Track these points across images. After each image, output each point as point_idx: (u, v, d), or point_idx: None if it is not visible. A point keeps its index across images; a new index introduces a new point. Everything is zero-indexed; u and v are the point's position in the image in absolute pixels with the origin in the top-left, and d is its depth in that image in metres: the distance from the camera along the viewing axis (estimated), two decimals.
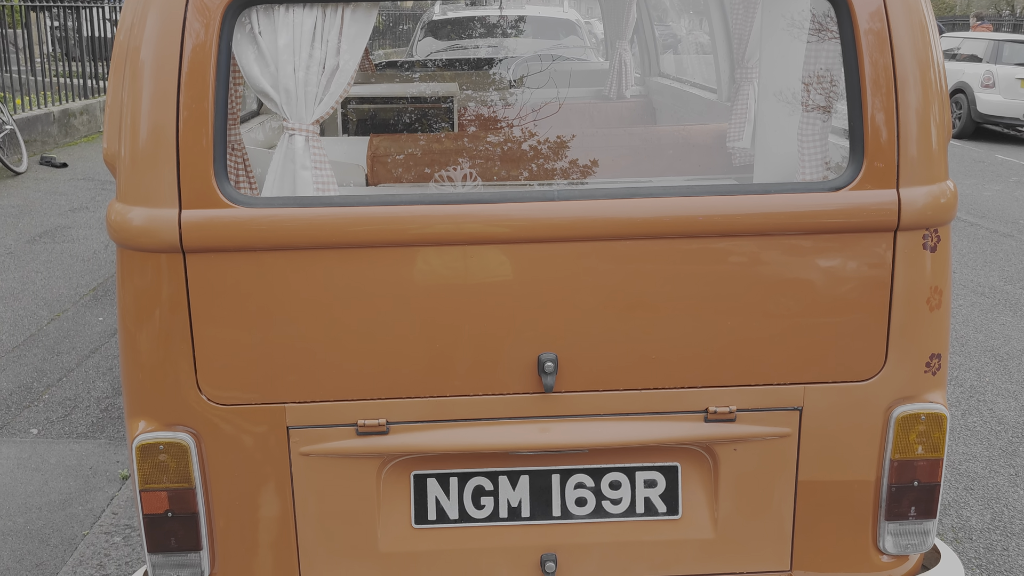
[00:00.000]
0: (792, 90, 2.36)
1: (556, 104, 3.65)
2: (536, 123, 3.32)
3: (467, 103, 4.25)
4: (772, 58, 2.54)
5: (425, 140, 3.26)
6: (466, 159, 3.08)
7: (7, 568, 3.23)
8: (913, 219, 1.92)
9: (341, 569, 2.07)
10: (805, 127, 2.19)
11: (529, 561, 2.09)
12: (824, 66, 2.15)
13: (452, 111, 4.23)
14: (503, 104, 4.28)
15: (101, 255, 7.08)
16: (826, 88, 2.16)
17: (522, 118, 3.48)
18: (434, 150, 3.12)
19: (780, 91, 2.50)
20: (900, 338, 1.99)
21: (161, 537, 2.02)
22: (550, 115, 3.47)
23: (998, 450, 4.22)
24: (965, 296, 6.45)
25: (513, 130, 3.44)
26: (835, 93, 2.15)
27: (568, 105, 3.98)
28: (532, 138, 3.15)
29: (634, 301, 1.95)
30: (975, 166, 11.78)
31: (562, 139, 3.10)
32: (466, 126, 4.01)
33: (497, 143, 3.27)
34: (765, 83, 2.62)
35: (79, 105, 12.41)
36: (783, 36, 2.47)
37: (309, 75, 1.94)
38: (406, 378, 1.97)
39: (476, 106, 4.21)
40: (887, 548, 2.10)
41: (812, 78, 2.17)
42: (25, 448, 4.09)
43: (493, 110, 4.20)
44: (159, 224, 1.87)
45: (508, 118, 3.77)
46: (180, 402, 1.96)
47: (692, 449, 2.07)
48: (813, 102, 2.17)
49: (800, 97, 2.21)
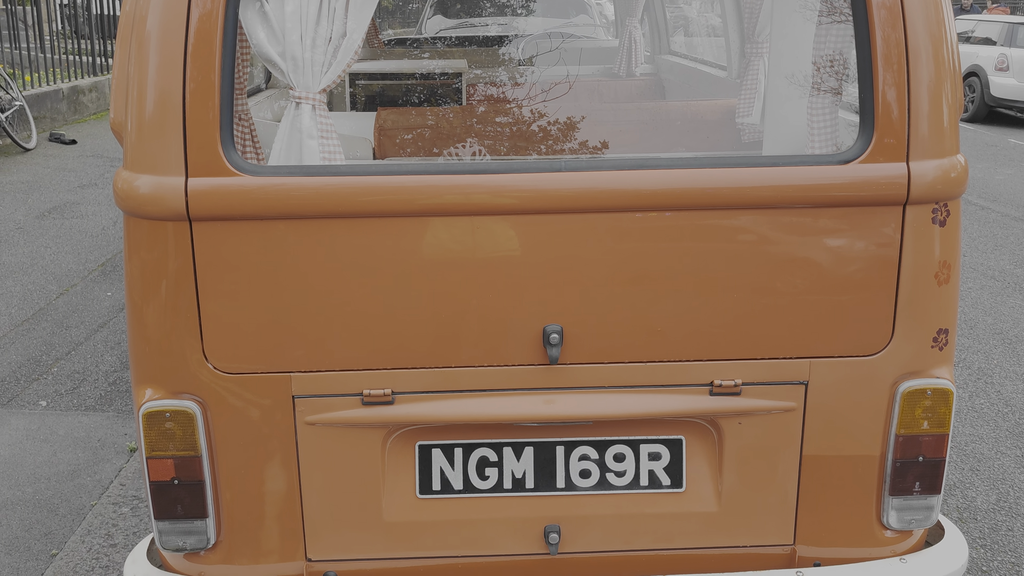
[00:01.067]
0: (802, 64, 2.33)
1: (565, 81, 3.63)
2: (545, 100, 3.31)
3: (476, 80, 4.23)
4: (783, 32, 2.52)
5: (433, 115, 3.25)
6: (474, 135, 3.07)
7: (16, 536, 3.26)
8: (923, 193, 1.91)
9: (345, 538, 2.08)
10: (815, 100, 2.17)
11: (533, 532, 2.09)
12: (835, 39, 2.13)
13: (461, 88, 4.21)
14: (512, 81, 4.25)
15: (110, 231, 7.10)
16: (837, 61, 2.14)
17: (531, 95, 3.46)
18: (442, 125, 3.11)
19: (790, 65, 2.48)
20: (907, 313, 1.98)
21: (167, 504, 2.03)
22: (559, 92, 3.46)
23: (1005, 432, 4.21)
24: (975, 279, 6.42)
25: (522, 107, 3.42)
26: (846, 66, 2.13)
27: (577, 83, 3.96)
28: (541, 114, 3.13)
29: (640, 273, 1.95)
30: (987, 150, 11.69)
31: (570, 115, 3.08)
32: (475, 103, 3.99)
33: (505, 119, 3.25)
34: (775, 58, 2.60)
35: (88, 82, 12.41)
36: (794, 10, 2.45)
37: (316, 43, 1.93)
38: (412, 348, 1.97)
39: (485, 83, 4.19)
40: (891, 523, 2.10)
41: (823, 51, 2.14)
42: (34, 420, 4.12)
43: (502, 87, 4.18)
44: (165, 192, 1.87)
45: (517, 95, 3.75)
46: (186, 371, 1.97)
47: (697, 422, 2.07)
48: (823, 75, 2.15)
49: (810, 70, 2.18)
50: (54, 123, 11.50)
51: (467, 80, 4.22)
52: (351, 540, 2.09)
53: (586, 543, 2.11)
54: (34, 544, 3.22)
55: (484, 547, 2.10)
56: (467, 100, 4.07)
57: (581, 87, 4.30)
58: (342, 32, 1.94)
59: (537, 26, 6.93)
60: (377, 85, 4.39)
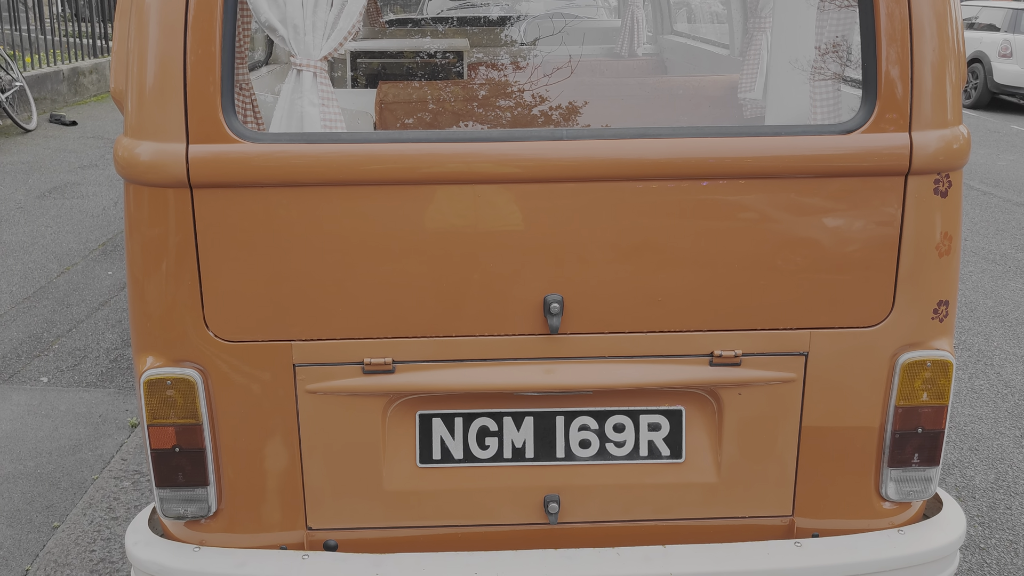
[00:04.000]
0: (805, 36, 2.32)
1: (567, 61, 3.62)
2: (547, 78, 3.30)
3: (477, 59, 4.22)
4: (785, 4, 2.51)
5: (434, 88, 3.24)
6: (476, 109, 3.06)
7: (18, 509, 3.27)
8: (925, 163, 1.91)
9: (346, 507, 2.09)
10: (818, 72, 2.16)
11: (532, 501, 2.10)
12: (838, 10, 2.12)
13: (462, 67, 4.20)
14: (513, 61, 4.24)
15: (110, 211, 7.10)
16: (840, 32, 2.13)
17: (533, 74, 3.45)
18: (444, 98, 3.10)
19: (793, 39, 2.47)
20: (908, 284, 1.98)
21: (169, 472, 2.03)
22: (561, 71, 3.44)
23: (1004, 412, 4.22)
24: (976, 263, 6.42)
25: (523, 84, 3.41)
26: (849, 37, 2.12)
27: (579, 62, 3.94)
28: (542, 92, 3.13)
29: (641, 243, 1.94)
30: (990, 136, 11.66)
31: (572, 92, 3.07)
32: (476, 81, 3.98)
33: (507, 96, 3.24)
34: (778, 32, 2.59)
35: (88, 64, 12.37)
36: None
37: (317, 8, 1.92)
38: (412, 317, 1.97)
39: (487, 63, 4.17)
40: (889, 495, 2.11)
41: (826, 22, 2.13)
42: (35, 395, 4.13)
43: (503, 66, 4.16)
44: (166, 158, 1.86)
45: (518, 73, 3.74)
46: (187, 338, 1.97)
47: (696, 393, 2.07)
48: (826, 46, 2.14)
49: (813, 41, 2.18)
50: (55, 104, 11.47)
51: (468, 60, 4.21)
52: (352, 509, 2.10)
53: (585, 513, 2.12)
54: (36, 517, 3.23)
55: (484, 516, 2.11)
56: (468, 79, 4.05)
57: (583, 66, 4.28)
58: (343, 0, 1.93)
59: (539, 6, 6.91)
60: (378, 64, 4.38)
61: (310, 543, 2.11)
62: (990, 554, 3.18)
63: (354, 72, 4.36)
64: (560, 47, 4.19)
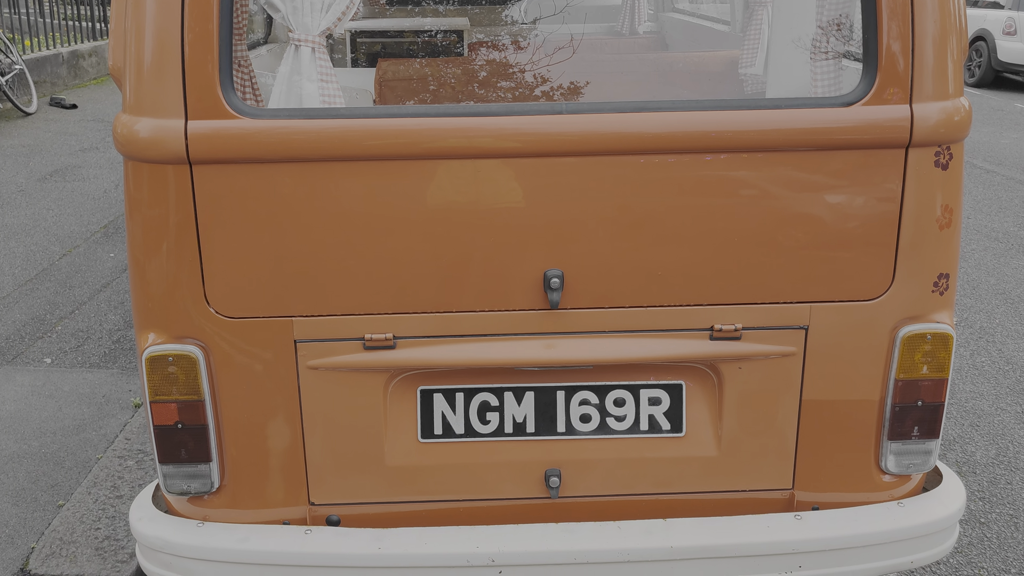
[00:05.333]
0: (806, 9, 2.31)
1: (568, 38, 3.60)
2: (547, 56, 3.28)
3: (478, 38, 4.20)
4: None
5: (434, 66, 3.23)
6: (475, 87, 3.05)
7: (23, 488, 3.29)
8: (926, 135, 1.90)
9: (348, 482, 2.10)
10: (818, 45, 2.15)
11: (534, 476, 2.11)
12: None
13: (462, 45, 4.18)
14: (514, 39, 4.22)
15: (111, 194, 7.09)
16: (840, 5, 2.11)
17: (533, 52, 3.44)
18: (443, 75, 3.09)
19: (793, 13, 2.46)
20: (908, 257, 1.98)
21: (171, 448, 2.05)
22: (562, 48, 3.43)
23: (1006, 389, 4.22)
24: (979, 241, 6.40)
25: (523, 62, 3.40)
26: (849, 10, 2.11)
27: (580, 40, 3.92)
28: (542, 70, 3.11)
29: (641, 217, 1.94)
30: (993, 114, 11.60)
31: (573, 69, 3.06)
32: (476, 59, 3.96)
33: (507, 74, 3.23)
34: (778, 5, 2.57)
35: (88, 47, 12.33)
36: None
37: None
38: (413, 293, 1.98)
39: (487, 40, 4.15)
40: (889, 468, 2.11)
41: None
42: (39, 376, 4.14)
43: (504, 45, 4.14)
44: (165, 135, 1.86)
45: (519, 51, 3.72)
46: (188, 315, 1.97)
47: (697, 367, 2.08)
48: (827, 20, 2.13)
49: (814, 15, 2.16)
50: (54, 88, 11.44)
51: (469, 37, 4.19)
52: (354, 484, 2.11)
53: (586, 487, 2.13)
54: (41, 495, 3.25)
55: (485, 491, 2.12)
56: (469, 57, 4.04)
57: (584, 44, 4.26)
58: None
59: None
60: (378, 44, 4.37)
61: (313, 518, 2.12)
62: (990, 528, 3.19)
63: (354, 52, 4.35)
64: (561, 26, 4.17)
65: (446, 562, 2.01)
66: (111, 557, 2.90)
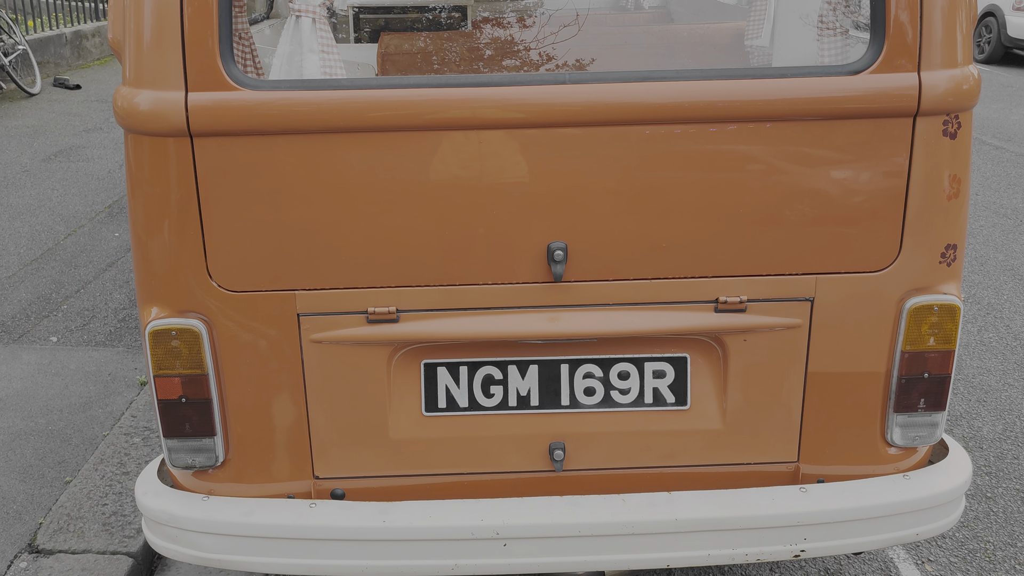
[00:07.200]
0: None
1: (574, 16, 3.56)
2: (552, 31, 3.25)
3: (482, 15, 4.16)
4: None
5: (437, 39, 3.20)
6: (478, 61, 3.02)
7: (30, 465, 3.31)
8: (934, 104, 1.87)
9: (352, 455, 2.10)
10: (825, 16, 2.12)
11: (538, 449, 2.11)
12: None
13: (466, 22, 4.14)
14: (518, 14, 4.18)
15: (116, 174, 7.08)
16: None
17: (537, 26, 3.41)
18: (446, 49, 3.06)
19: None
20: (915, 227, 1.96)
21: (176, 422, 2.05)
22: (566, 23, 3.40)
23: (1013, 364, 4.20)
24: (987, 217, 6.36)
25: (528, 38, 3.37)
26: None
27: (585, 16, 3.89)
28: (547, 44, 3.08)
29: (645, 188, 1.92)
30: (1003, 91, 11.50)
31: (577, 44, 3.03)
32: (480, 33, 3.93)
33: (511, 48, 3.20)
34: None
35: (91, 27, 12.28)
36: None
37: None
38: (416, 266, 1.96)
39: (490, 17, 4.12)
40: (895, 440, 2.11)
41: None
42: (45, 354, 4.15)
43: (508, 22, 4.11)
44: (166, 107, 1.85)
45: (523, 28, 3.69)
46: (191, 289, 1.97)
47: (701, 339, 2.07)
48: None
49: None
50: (58, 68, 11.42)
51: (473, 15, 4.15)
52: (358, 458, 2.11)
53: (591, 460, 2.12)
54: (48, 472, 3.27)
55: (490, 464, 2.12)
56: (472, 31, 4.00)
57: (589, 20, 4.22)
58: None
59: None
60: (381, 20, 4.33)
61: (317, 492, 2.12)
62: (997, 503, 3.18)
63: (357, 30, 4.32)
64: (567, 1, 4.13)
65: (450, 535, 2.01)
66: (118, 532, 2.91)
